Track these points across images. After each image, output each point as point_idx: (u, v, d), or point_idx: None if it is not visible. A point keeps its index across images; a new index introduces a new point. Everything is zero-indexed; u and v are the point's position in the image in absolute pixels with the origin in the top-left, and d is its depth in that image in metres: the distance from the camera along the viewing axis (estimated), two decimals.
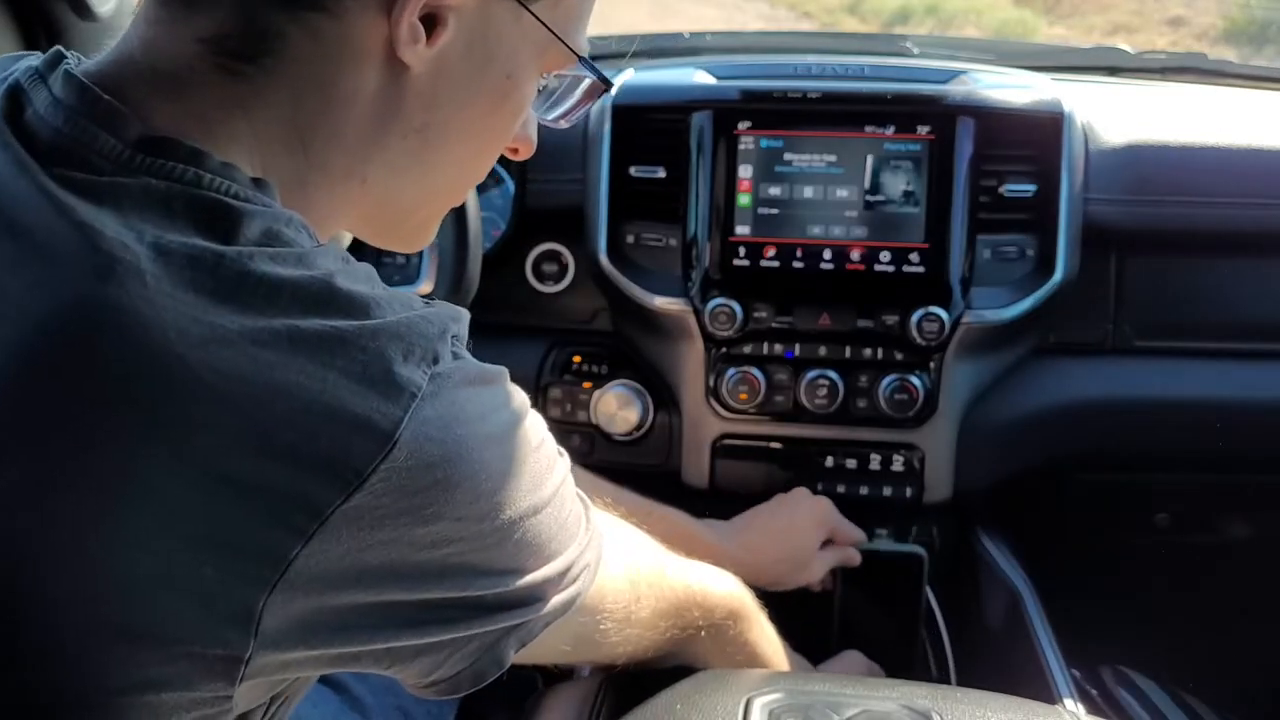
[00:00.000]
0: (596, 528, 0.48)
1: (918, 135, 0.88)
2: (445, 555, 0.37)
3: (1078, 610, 0.92)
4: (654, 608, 0.55)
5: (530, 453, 0.40)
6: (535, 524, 0.40)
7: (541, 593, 0.42)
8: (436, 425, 0.35)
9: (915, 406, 0.88)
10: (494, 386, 0.39)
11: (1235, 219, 0.91)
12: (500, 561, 0.40)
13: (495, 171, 1.00)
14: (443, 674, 0.42)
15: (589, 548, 0.46)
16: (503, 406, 0.39)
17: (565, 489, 0.44)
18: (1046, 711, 0.63)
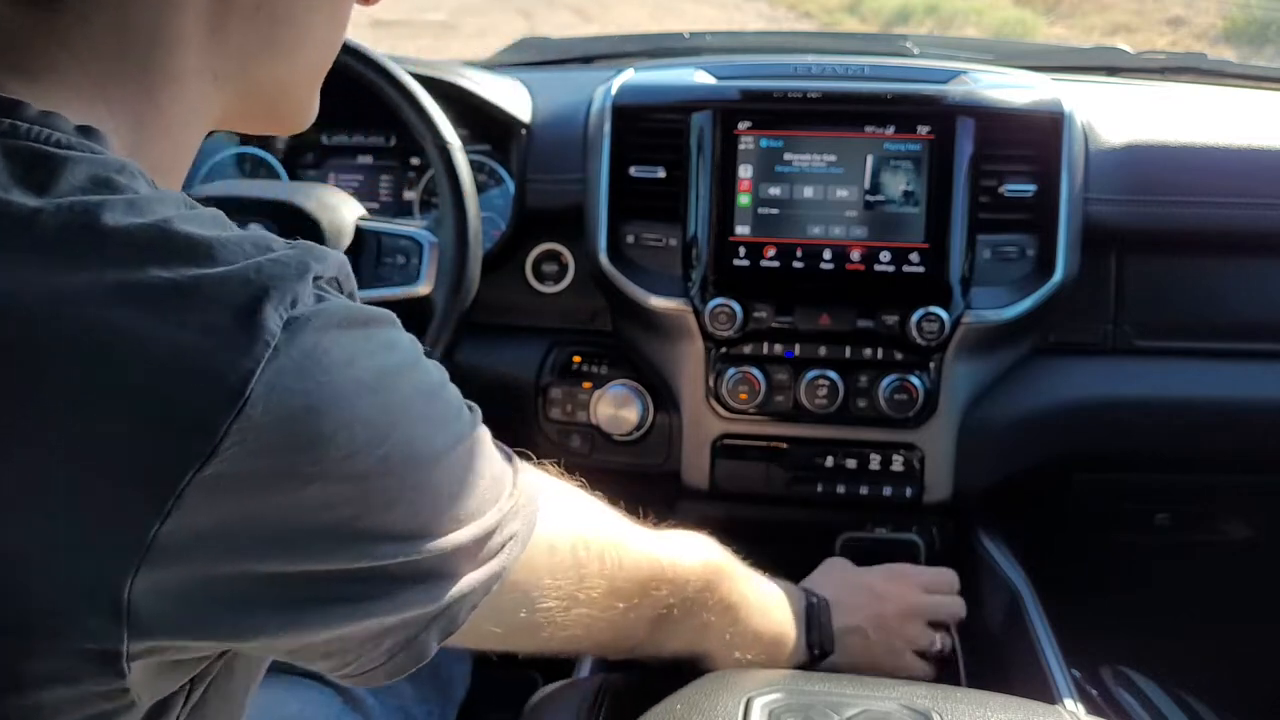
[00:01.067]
0: (527, 491, 0.43)
1: (918, 135, 0.88)
2: (333, 520, 0.34)
3: (1077, 610, 0.92)
4: (609, 586, 0.50)
5: (418, 400, 0.36)
6: (436, 480, 0.37)
7: (455, 564, 0.38)
8: (295, 375, 0.32)
9: (915, 406, 0.88)
10: (369, 329, 0.35)
11: (1235, 219, 0.91)
12: (398, 524, 0.35)
13: (495, 172, 1.00)
14: (359, 667, 0.38)
15: (515, 514, 0.41)
16: (379, 350, 0.35)
17: (475, 443, 0.40)
18: (1046, 711, 0.62)
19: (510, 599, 0.43)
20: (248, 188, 0.92)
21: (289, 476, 0.32)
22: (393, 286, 0.82)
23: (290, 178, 1.04)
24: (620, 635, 0.54)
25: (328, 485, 0.33)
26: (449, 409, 0.38)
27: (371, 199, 1.02)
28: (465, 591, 0.39)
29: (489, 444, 0.42)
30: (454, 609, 0.39)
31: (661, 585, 0.54)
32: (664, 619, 0.56)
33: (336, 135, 1.04)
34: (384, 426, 0.34)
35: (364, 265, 0.82)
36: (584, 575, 0.48)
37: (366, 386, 0.34)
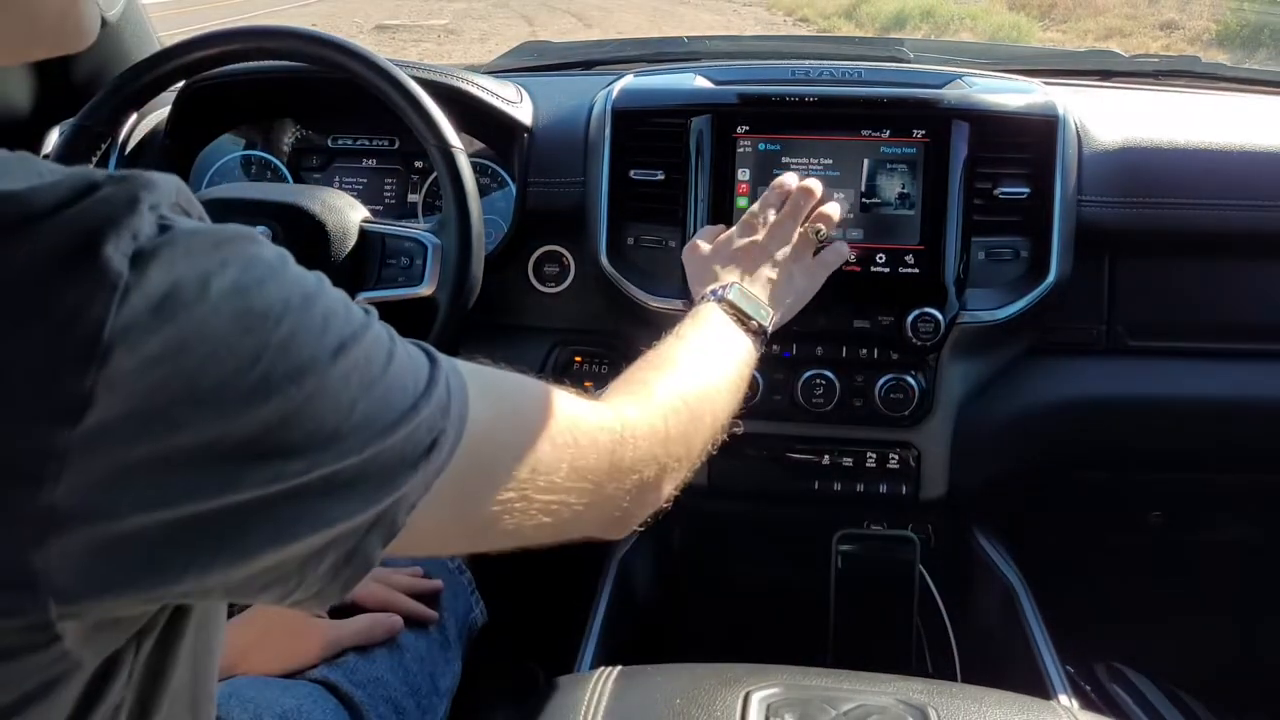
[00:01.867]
0: (452, 382, 0.40)
1: (913, 139, 0.89)
2: (229, 449, 0.32)
3: (1072, 607, 0.93)
4: (570, 466, 0.46)
5: (292, 308, 0.34)
6: (331, 384, 0.34)
7: (378, 467, 0.36)
8: (151, 313, 0.30)
9: (911, 406, 0.89)
10: (222, 250, 0.33)
11: (1227, 220, 0.92)
12: (300, 437, 0.34)
13: (498, 174, 1.01)
14: (305, 591, 0.37)
15: (440, 406, 0.39)
16: (236, 268, 0.33)
17: (372, 341, 0.37)
18: (1041, 707, 0.63)
19: (456, 493, 0.40)
20: (253, 190, 0.93)
21: (169, 417, 0.31)
22: (397, 288, 0.82)
23: (295, 180, 1.05)
24: (599, 516, 0.51)
25: (212, 417, 0.32)
26: (331, 311, 0.36)
27: (375, 201, 1.03)
28: (398, 492, 0.37)
29: (395, 341, 0.39)
30: (390, 512, 0.37)
31: (624, 453, 0.51)
32: (640, 488, 0.52)
33: (341, 139, 1.05)
34: (256, 344, 0.32)
35: (368, 266, 0.83)
36: (536, 458, 0.45)
37: (227, 308, 0.32)
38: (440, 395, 0.39)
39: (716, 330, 0.70)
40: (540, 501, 0.45)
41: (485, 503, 0.43)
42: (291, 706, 0.63)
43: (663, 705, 0.61)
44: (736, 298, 0.73)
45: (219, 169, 1.05)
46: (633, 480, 0.51)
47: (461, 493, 0.41)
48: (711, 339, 0.68)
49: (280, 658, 0.67)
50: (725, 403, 0.64)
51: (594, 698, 0.63)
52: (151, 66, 0.85)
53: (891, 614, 0.94)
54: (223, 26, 0.88)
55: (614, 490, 0.50)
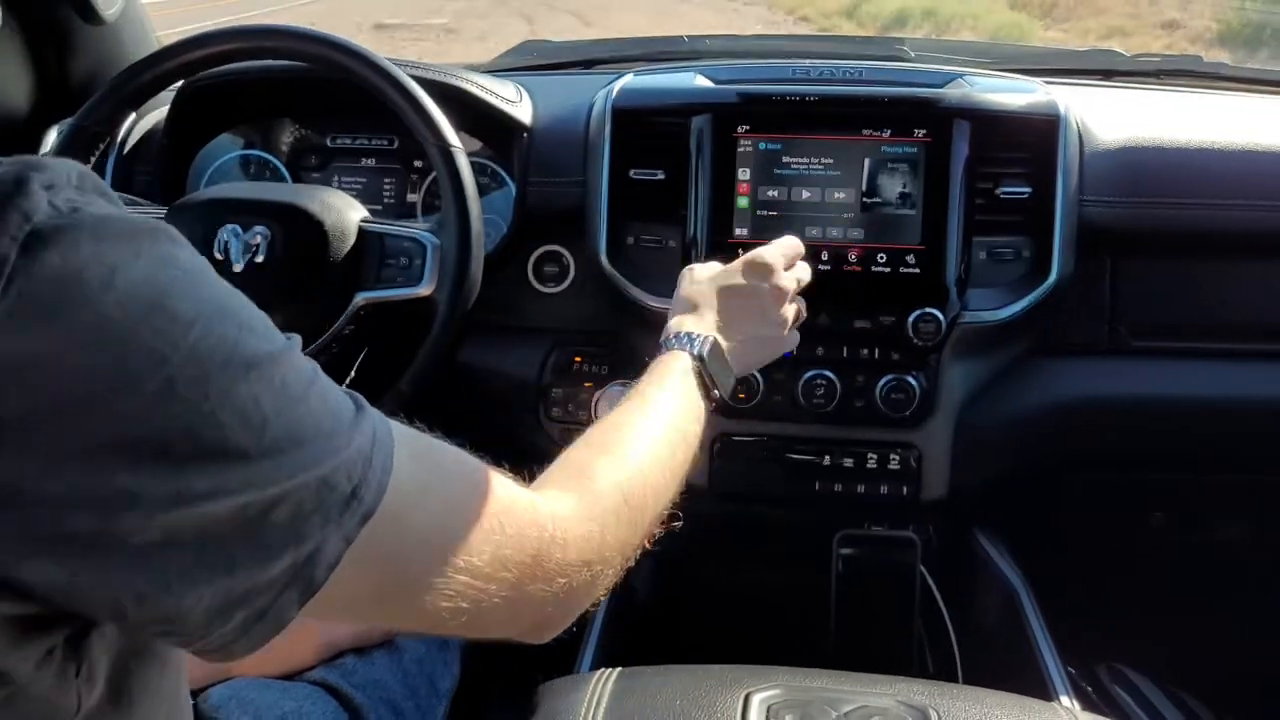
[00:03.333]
0: (377, 430, 0.38)
1: (914, 138, 0.89)
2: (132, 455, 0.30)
3: (1073, 608, 0.92)
4: (494, 553, 0.42)
5: (204, 317, 0.32)
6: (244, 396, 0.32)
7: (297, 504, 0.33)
8: (46, 304, 0.28)
9: (912, 406, 0.89)
10: (137, 241, 0.31)
11: (1230, 220, 0.92)
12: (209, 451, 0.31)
13: (497, 174, 1.01)
14: (210, 643, 0.35)
15: (363, 451, 0.36)
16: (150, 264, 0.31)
17: (290, 362, 0.35)
18: (1042, 708, 0.63)
19: (375, 556, 0.37)
20: (252, 190, 0.93)
21: (66, 419, 0.29)
22: (396, 287, 0.82)
23: (294, 180, 1.05)
24: (518, 614, 0.46)
25: (109, 422, 0.30)
26: (248, 325, 0.34)
27: (374, 201, 1.03)
28: (313, 542, 0.34)
29: (318, 376, 0.37)
30: (308, 568, 0.34)
31: (553, 553, 0.46)
32: (566, 594, 0.47)
33: (340, 138, 1.05)
34: (163, 346, 0.30)
35: (367, 266, 0.83)
36: (460, 536, 0.41)
37: (136, 303, 0.30)
38: (363, 443, 0.36)
39: (679, 397, 0.64)
40: (460, 584, 0.41)
41: (405, 574, 0.40)
42: (292, 708, 0.63)
43: (663, 707, 0.61)
44: (710, 359, 0.68)
45: (218, 168, 1.05)
46: (559, 584, 0.46)
47: (381, 557, 0.38)
48: (671, 409, 0.63)
49: (274, 660, 0.66)
50: (672, 488, 0.60)
51: (594, 699, 0.63)
52: (150, 66, 0.85)
53: (892, 615, 0.94)
54: (221, 26, 0.88)
55: (537, 591, 0.45)
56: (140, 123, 1.04)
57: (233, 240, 0.79)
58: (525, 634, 0.49)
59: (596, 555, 0.50)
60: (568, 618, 0.50)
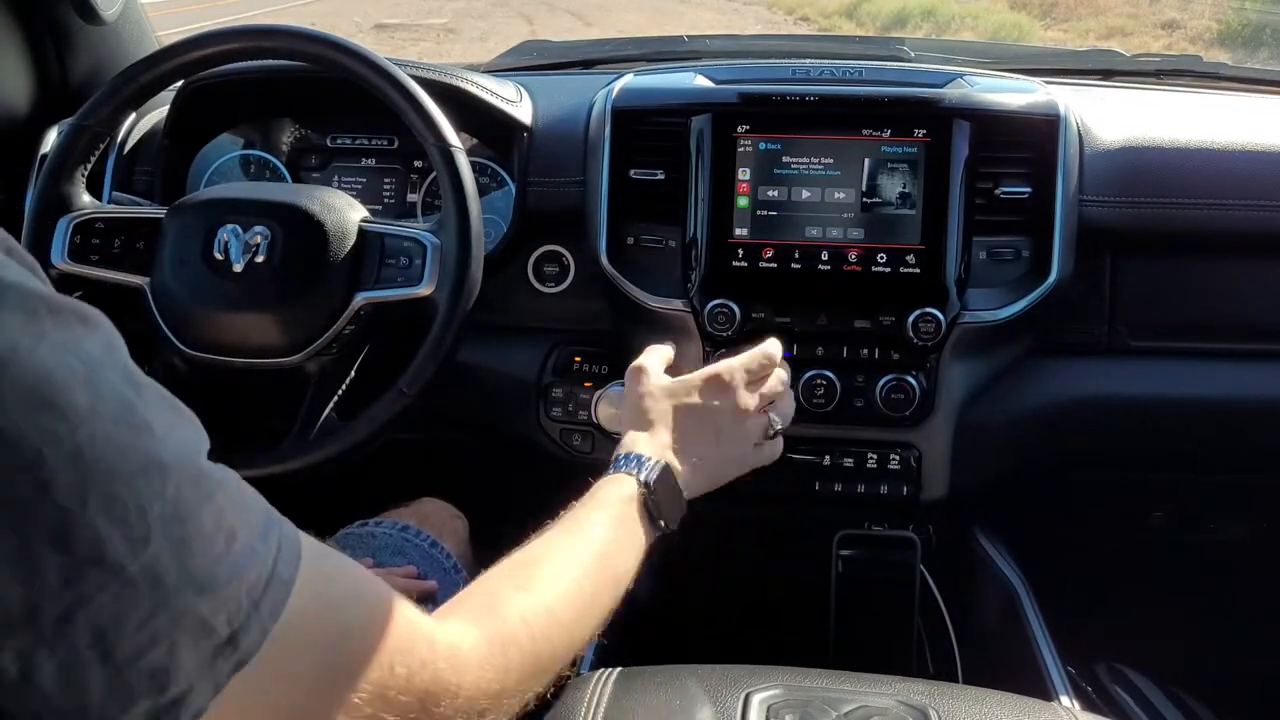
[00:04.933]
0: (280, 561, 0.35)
1: (914, 138, 0.89)
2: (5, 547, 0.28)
3: (1073, 608, 0.92)
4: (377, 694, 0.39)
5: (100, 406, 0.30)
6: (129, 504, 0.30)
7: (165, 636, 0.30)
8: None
9: (912, 406, 0.89)
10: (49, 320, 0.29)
11: (1229, 220, 0.92)
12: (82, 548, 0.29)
13: (497, 174, 1.01)
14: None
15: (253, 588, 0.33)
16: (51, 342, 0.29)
17: (191, 476, 0.32)
18: (1042, 708, 0.63)
19: (245, 703, 0.34)
20: (252, 190, 0.93)
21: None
22: (396, 288, 0.82)
23: (294, 180, 1.05)
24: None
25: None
26: (148, 425, 0.31)
27: (374, 201, 1.03)
28: (180, 689, 0.31)
29: (227, 491, 0.34)
30: (170, 716, 0.31)
31: (442, 699, 0.43)
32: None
33: (340, 138, 1.05)
34: (44, 441, 0.28)
35: (367, 266, 0.83)
36: (344, 676, 0.39)
37: (23, 390, 0.28)
38: (256, 578, 0.34)
39: (615, 528, 0.61)
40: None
41: (276, 709, 0.37)
42: None
43: (663, 706, 0.61)
44: (657, 488, 0.64)
45: (218, 168, 1.05)
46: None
47: (248, 701, 0.35)
48: (604, 541, 0.59)
49: None
50: (589, 629, 0.57)
51: (594, 699, 0.63)
52: (150, 66, 0.85)
53: (892, 615, 0.94)
54: (221, 25, 0.88)
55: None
56: (140, 123, 1.04)
57: (233, 240, 0.79)
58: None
59: (491, 702, 0.47)
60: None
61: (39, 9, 0.97)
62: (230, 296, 0.79)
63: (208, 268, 0.79)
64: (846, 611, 0.94)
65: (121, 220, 0.85)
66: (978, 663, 0.92)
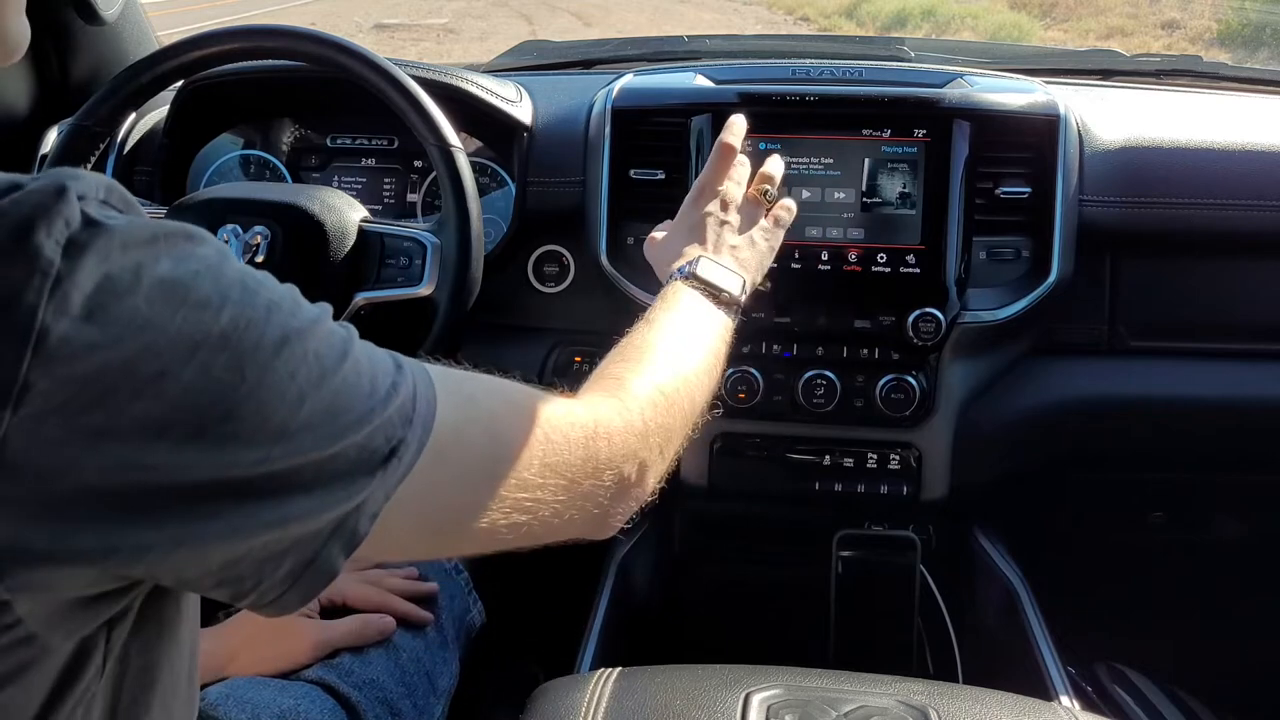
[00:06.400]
0: (418, 385, 0.40)
1: (914, 138, 0.89)
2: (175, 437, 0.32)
3: (1073, 608, 0.92)
4: (541, 463, 0.46)
5: (230, 299, 0.34)
6: (279, 373, 0.34)
7: (336, 469, 0.36)
8: (86, 306, 0.30)
9: (912, 406, 0.89)
10: (157, 245, 0.33)
11: (1229, 220, 0.92)
12: (246, 429, 0.33)
13: (497, 174, 1.01)
14: (261, 595, 0.37)
15: (403, 410, 0.38)
16: (171, 262, 0.33)
17: (324, 336, 0.37)
18: (1042, 708, 0.63)
19: (423, 499, 0.40)
20: (252, 190, 0.93)
21: (110, 404, 0.31)
22: (396, 287, 0.82)
23: (294, 180, 1.05)
24: (576, 514, 0.49)
25: (153, 405, 0.32)
26: (275, 304, 0.35)
27: (375, 201, 1.03)
28: (357, 499, 0.37)
29: (352, 342, 0.38)
30: (350, 520, 0.37)
31: (599, 449, 0.49)
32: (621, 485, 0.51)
33: (340, 138, 1.05)
34: (192, 333, 0.32)
35: (367, 266, 0.83)
36: (507, 458, 0.45)
37: (161, 297, 0.32)
38: (403, 402, 0.39)
39: (688, 309, 0.67)
40: (513, 500, 0.45)
41: (455, 507, 0.43)
42: (289, 706, 0.63)
43: (663, 707, 0.61)
44: (704, 271, 0.70)
45: (218, 168, 1.05)
46: (610, 476, 0.50)
47: (428, 499, 0.41)
48: (683, 320, 0.66)
49: (270, 658, 0.67)
50: (703, 386, 0.62)
51: (594, 699, 0.63)
52: (150, 66, 0.85)
53: (892, 615, 0.94)
54: (221, 26, 0.88)
55: (591, 487, 0.49)
56: (140, 123, 1.04)
57: (233, 240, 0.79)
58: (587, 532, 0.52)
59: (642, 444, 0.53)
60: (626, 510, 0.53)
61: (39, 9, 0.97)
62: None
63: None
64: (846, 611, 0.94)
65: None
66: (978, 663, 0.92)
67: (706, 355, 0.65)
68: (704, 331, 0.67)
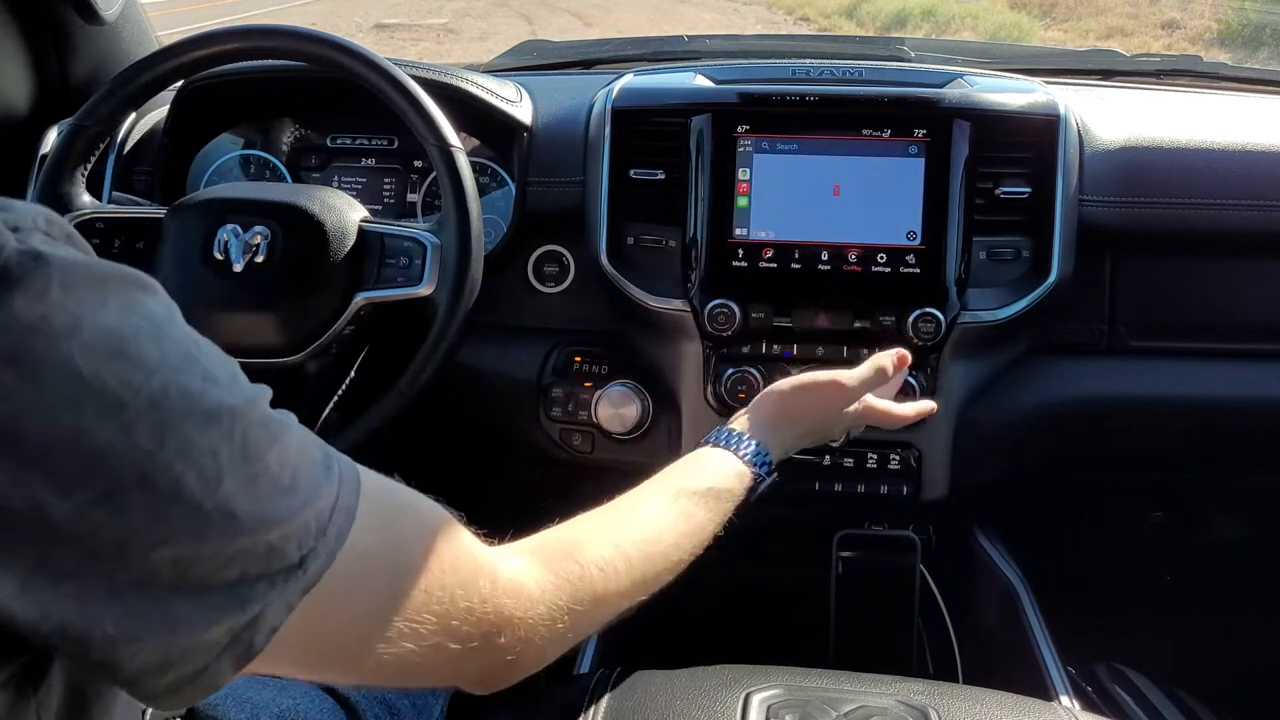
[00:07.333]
0: (342, 491, 0.38)
1: (914, 138, 0.89)
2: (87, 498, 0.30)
3: (1073, 608, 0.92)
4: (440, 624, 0.42)
5: (168, 358, 0.32)
6: (201, 448, 0.32)
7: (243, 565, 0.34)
8: (11, 348, 0.29)
9: None
10: (105, 289, 0.31)
11: (1229, 220, 0.92)
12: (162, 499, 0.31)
13: (497, 174, 1.01)
14: (139, 691, 0.34)
15: (320, 517, 0.36)
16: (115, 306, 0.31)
17: (257, 418, 0.35)
18: (1042, 708, 0.63)
19: (315, 619, 0.37)
20: (252, 190, 0.93)
21: (22, 453, 0.29)
22: (395, 287, 0.82)
23: (294, 180, 1.05)
24: (461, 676, 0.47)
25: (67, 461, 0.30)
26: (211, 376, 0.34)
27: (374, 201, 1.03)
28: (256, 608, 0.34)
29: (287, 431, 0.37)
30: (248, 634, 0.35)
31: (503, 630, 0.45)
32: (513, 664, 0.48)
33: (340, 138, 1.05)
34: (122, 393, 0.30)
35: (367, 266, 0.83)
36: (405, 606, 0.41)
37: (99, 350, 0.30)
38: (322, 509, 0.37)
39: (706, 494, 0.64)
40: (402, 650, 0.41)
41: (345, 640, 0.40)
42: (289, 706, 0.63)
43: (663, 707, 0.61)
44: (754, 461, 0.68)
45: (218, 168, 1.05)
46: (505, 660, 0.47)
47: (321, 621, 0.38)
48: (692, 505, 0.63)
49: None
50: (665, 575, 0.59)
51: (594, 698, 0.63)
52: (150, 66, 0.85)
53: (892, 615, 0.94)
54: (221, 26, 0.88)
55: (483, 659, 0.46)
56: (140, 123, 1.04)
57: (233, 240, 0.79)
58: (470, 688, 0.49)
59: (551, 635, 0.49)
60: (511, 681, 0.50)
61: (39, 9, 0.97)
62: (230, 296, 0.79)
63: (207, 268, 0.79)
64: (846, 611, 0.94)
65: (121, 220, 0.85)
66: (978, 663, 0.92)
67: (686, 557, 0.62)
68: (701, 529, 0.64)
